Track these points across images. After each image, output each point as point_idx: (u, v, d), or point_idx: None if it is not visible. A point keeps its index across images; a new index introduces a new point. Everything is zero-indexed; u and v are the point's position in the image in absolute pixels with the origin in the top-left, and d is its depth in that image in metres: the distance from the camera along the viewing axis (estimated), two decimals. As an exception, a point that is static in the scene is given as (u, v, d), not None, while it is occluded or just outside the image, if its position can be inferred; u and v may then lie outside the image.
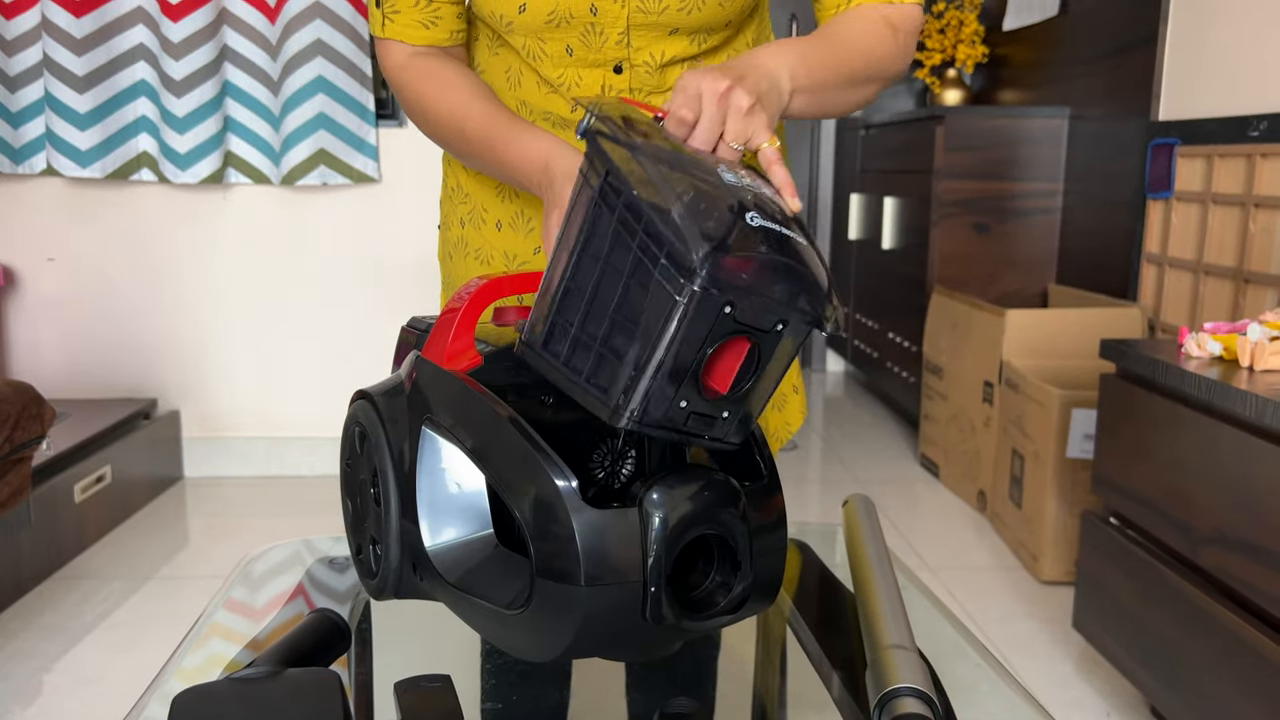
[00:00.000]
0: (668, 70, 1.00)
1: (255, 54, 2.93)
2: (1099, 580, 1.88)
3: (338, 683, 0.54)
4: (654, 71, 0.99)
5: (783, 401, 1.20)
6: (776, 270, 0.61)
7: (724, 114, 0.76)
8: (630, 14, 0.95)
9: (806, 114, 0.93)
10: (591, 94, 1.01)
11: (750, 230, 0.61)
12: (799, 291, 0.62)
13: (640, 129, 0.68)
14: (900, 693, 0.62)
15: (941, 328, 3.22)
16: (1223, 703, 1.52)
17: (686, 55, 0.99)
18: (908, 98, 4.52)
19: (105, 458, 2.68)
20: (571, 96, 1.01)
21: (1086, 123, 3.17)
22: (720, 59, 1.02)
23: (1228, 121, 2.33)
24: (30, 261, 3.07)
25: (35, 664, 2.02)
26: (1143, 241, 2.69)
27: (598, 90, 1.01)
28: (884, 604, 0.74)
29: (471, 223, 1.13)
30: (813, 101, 0.90)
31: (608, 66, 0.99)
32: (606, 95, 1.00)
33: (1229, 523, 1.51)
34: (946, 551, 2.66)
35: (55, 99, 2.86)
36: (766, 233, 0.62)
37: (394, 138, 3.04)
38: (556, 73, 1.00)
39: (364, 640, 0.83)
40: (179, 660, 0.76)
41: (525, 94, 1.03)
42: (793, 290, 0.61)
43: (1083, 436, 2.36)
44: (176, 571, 2.48)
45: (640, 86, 1.00)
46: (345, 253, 3.11)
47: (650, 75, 0.99)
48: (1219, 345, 1.65)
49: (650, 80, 1.00)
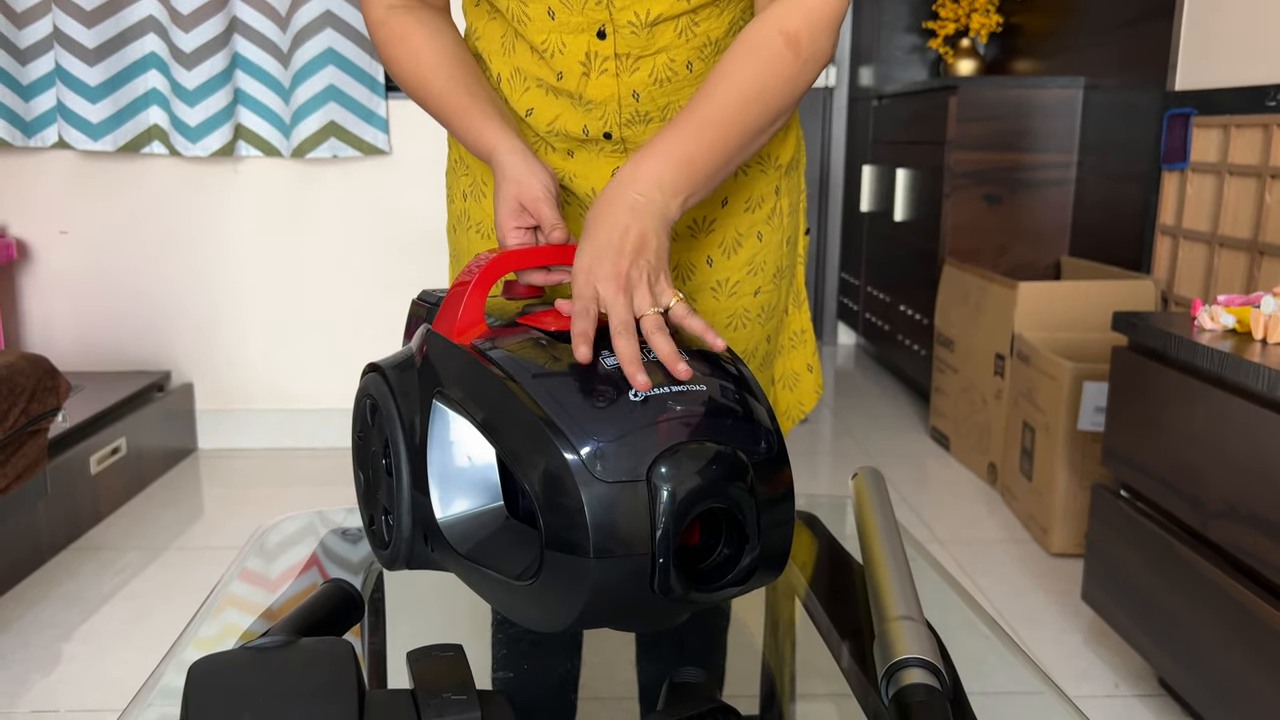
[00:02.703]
0: (656, 30, 0.94)
1: (265, 25, 2.92)
2: (1109, 553, 1.88)
3: (351, 652, 0.55)
4: (640, 31, 0.93)
5: (795, 380, 1.20)
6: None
7: (629, 299, 0.76)
8: None
9: (708, 196, 0.91)
10: (576, 60, 0.96)
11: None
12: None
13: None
14: (907, 663, 0.63)
15: (953, 300, 3.20)
16: (1232, 675, 1.52)
17: (673, 12, 0.93)
18: (921, 68, 4.48)
19: (120, 430, 2.70)
20: (556, 68, 0.97)
21: (1101, 93, 3.14)
22: (710, 20, 0.95)
23: (1245, 91, 2.31)
24: (43, 235, 3.08)
25: (54, 633, 2.05)
26: (1157, 213, 2.68)
27: (582, 56, 0.95)
28: (892, 576, 0.75)
29: (473, 195, 1.13)
30: (710, 188, 0.88)
31: (591, 31, 0.94)
32: (588, 70, 0.97)
33: (1240, 496, 1.51)
34: (956, 524, 2.66)
35: (66, 71, 2.86)
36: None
37: (404, 110, 3.03)
38: (541, 38, 0.96)
39: (377, 610, 0.83)
40: (195, 630, 0.77)
41: (519, 60, 1.00)
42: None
43: (1094, 409, 2.36)
44: (191, 542, 2.50)
45: (627, 51, 0.95)
46: (355, 225, 3.12)
47: (636, 36, 0.94)
48: (1232, 318, 1.64)
49: (637, 42, 0.94)
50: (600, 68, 0.96)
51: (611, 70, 0.96)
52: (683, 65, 0.97)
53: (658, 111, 0.99)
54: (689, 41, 0.95)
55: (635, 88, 0.97)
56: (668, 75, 0.97)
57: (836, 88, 4.73)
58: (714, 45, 0.97)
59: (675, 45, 0.95)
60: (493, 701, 0.54)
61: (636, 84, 0.97)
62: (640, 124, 0.99)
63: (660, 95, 0.98)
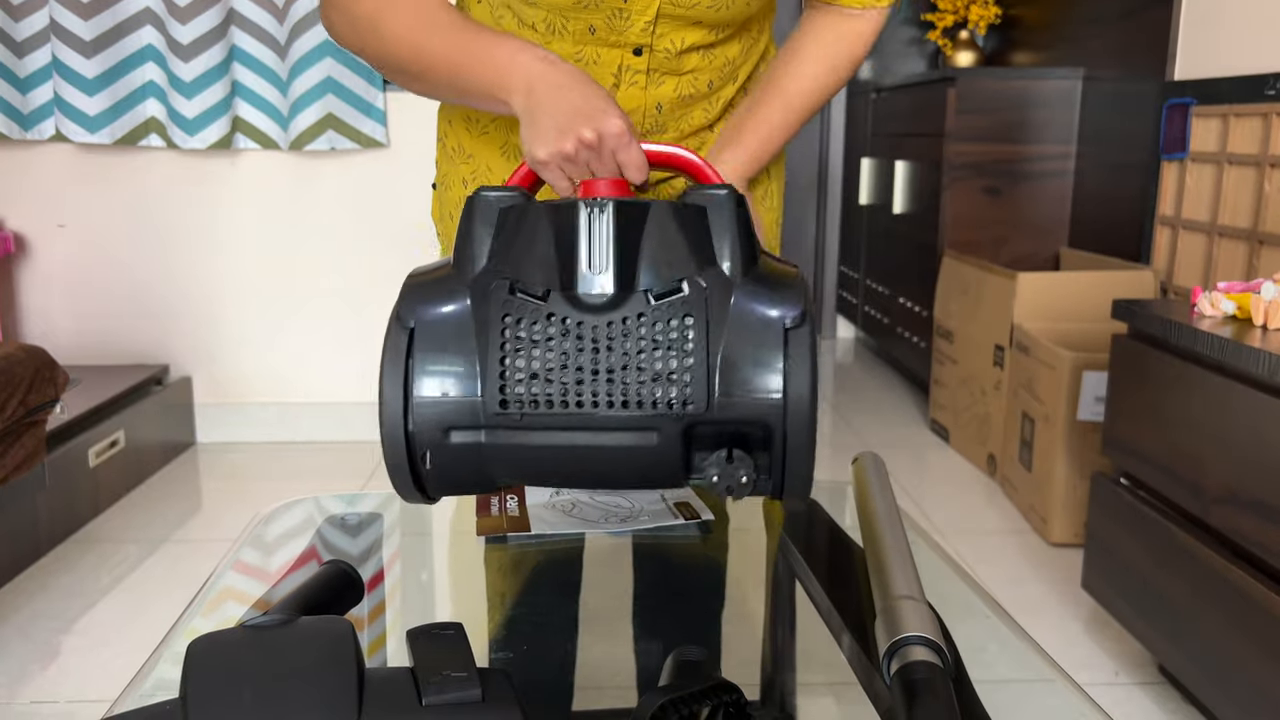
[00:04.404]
0: (685, 55, 1.01)
1: (262, 17, 2.91)
2: (1109, 541, 1.88)
3: (351, 631, 0.54)
4: (672, 56, 1.00)
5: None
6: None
7: None
8: (661, 6, 0.96)
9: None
10: (609, 71, 1.01)
11: None
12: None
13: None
14: (909, 641, 0.62)
15: (952, 292, 3.20)
16: (1232, 661, 1.52)
17: (704, 43, 1.01)
18: (919, 60, 4.47)
19: (118, 423, 2.70)
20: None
21: (1100, 84, 3.14)
22: (733, 49, 1.05)
23: (1244, 80, 2.30)
24: (41, 228, 3.07)
25: (53, 625, 2.05)
26: (1156, 204, 2.67)
27: (614, 69, 1.00)
28: (893, 557, 0.75)
29: (475, 182, 1.12)
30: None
31: (628, 48, 0.99)
32: (619, 81, 1.02)
33: (1240, 482, 1.51)
34: (956, 515, 2.66)
35: (63, 64, 2.85)
36: None
37: (402, 102, 3.03)
38: (575, 49, 1.00)
39: (376, 590, 0.83)
40: (189, 619, 0.77)
41: None
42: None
43: (1093, 399, 2.36)
44: (190, 535, 2.50)
45: (658, 68, 1.01)
46: (354, 217, 3.11)
47: (669, 59, 1.01)
48: (1232, 304, 1.64)
49: (668, 63, 1.01)
50: (630, 80, 1.02)
51: (641, 84, 1.02)
52: (704, 84, 1.05)
53: (674, 123, 1.06)
54: (711, 64, 1.03)
55: (660, 100, 1.03)
56: (690, 92, 1.04)
57: (835, 80, 4.72)
58: (731, 65, 1.05)
59: (701, 67, 1.03)
60: (493, 679, 0.53)
61: (662, 97, 1.03)
62: (656, 132, 1.06)
63: (680, 109, 1.05)
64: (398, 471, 0.71)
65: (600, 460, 0.69)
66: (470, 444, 0.69)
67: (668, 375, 0.67)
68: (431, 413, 0.69)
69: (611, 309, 0.68)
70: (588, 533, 0.90)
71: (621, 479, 0.70)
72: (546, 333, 0.68)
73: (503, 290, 0.69)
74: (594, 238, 0.70)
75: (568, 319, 0.68)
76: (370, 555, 0.90)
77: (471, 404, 0.68)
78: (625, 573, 0.87)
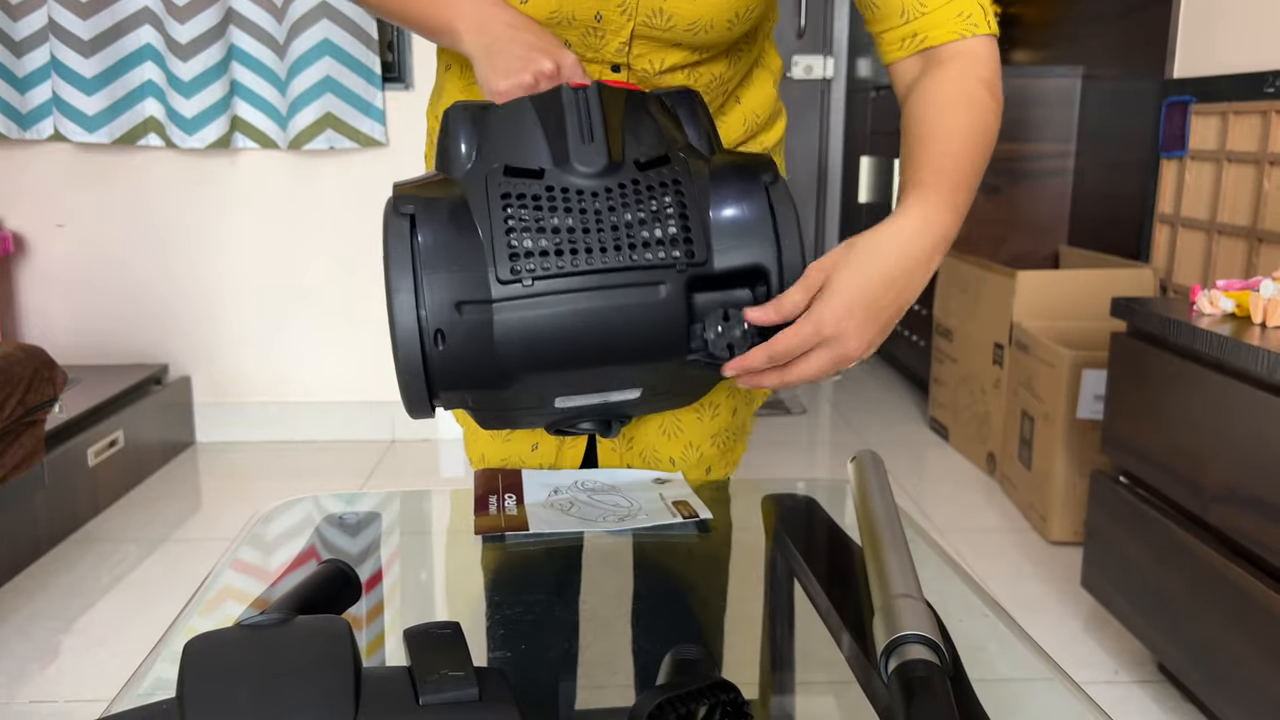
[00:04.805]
0: (667, 75, 0.97)
1: (261, 17, 2.91)
2: (1108, 539, 1.88)
3: (348, 630, 0.54)
4: (652, 76, 0.96)
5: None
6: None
7: (856, 359, 0.80)
8: (636, 27, 0.92)
9: None
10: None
11: None
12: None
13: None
14: (907, 639, 0.62)
15: (951, 290, 3.20)
16: (1231, 659, 1.52)
17: (686, 63, 0.97)
18: (919, 58, 4.47)
19: (117, 422, 2.70)
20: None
21: (1099, 82, 3.13)
22: (718, 66, 0.99)
23: (1244, 78, 2.30)
24: (39, 228, 3.07)
25: (53, 625, 2.05)
26: (1155, 202, 2.67)
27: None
28: (892, 555, 0.74)
29: None
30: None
31: (605, 65, 0.95)
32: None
33: (1240, 480, 1.51)
34: (955, 514, 2.66)
35: (61, 64, 2.85)
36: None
37: (400, 101, 3.03)
38: None
39: (374, 590, 0.83)
40: (188, 618, 0.77)
41: None
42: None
43: (1093, 397, 2.36)
44: (189, 534, 2.50)
45: (640, 85, 0.97)
46: (353, 217, 3.11)
47: (649, 79, 0.96)
48: (1231, 302, 1.64)
49: (649, 82, 0.97)
50: None
51: None
52: None
53: None
54: (697, 82, 0.98)
55: None
56: None
57: (834, 79, 4.72)
58: (720, 80, 0.99)
59: (684, 84, 0.98)
60: (490, 678, 0.53)
61: None
62: None
63: None
64: (409, 363, 0.72)
65: (608, 325, 0.72)
66: (482, 321, 0.71)
67: (668, 233, 0.72)
68: (443, 287, 0.70)
69: (606, 176, 0.73)
70: (586, 532, 0.90)
71: (628, 347, 0.73)
72: (549, 203, 0.72)
73: (498, 173, 0.73)
74: (581, 112, 0.75)
75: (567, 189, 0.72)
76: (369, 554, 0.90)
77: (481, 276, 0.70)
78: (624, 572, 0.87)
